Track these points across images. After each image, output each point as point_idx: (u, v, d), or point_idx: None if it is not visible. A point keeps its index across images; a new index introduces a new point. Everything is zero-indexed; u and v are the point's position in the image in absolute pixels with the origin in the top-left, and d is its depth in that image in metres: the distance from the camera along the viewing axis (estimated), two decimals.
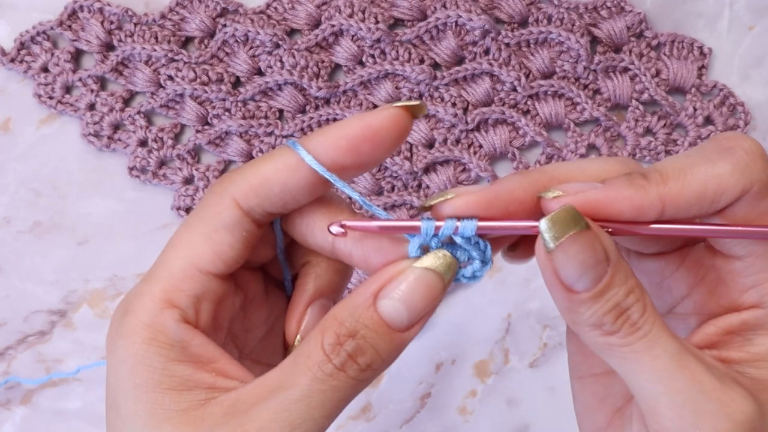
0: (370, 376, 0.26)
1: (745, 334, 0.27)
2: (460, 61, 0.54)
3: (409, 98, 0.54)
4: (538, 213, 0.26)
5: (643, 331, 0.25)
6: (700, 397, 0.25)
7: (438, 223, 0.26)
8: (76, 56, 0.55)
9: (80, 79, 0.54)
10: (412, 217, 0.53)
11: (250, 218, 0.27)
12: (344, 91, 0.54)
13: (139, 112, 0.54)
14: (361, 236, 0.27)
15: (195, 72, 0.54)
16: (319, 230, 0.28)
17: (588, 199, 0.25)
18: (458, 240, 0.26)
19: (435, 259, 0.27)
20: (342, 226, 0.27)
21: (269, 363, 0.29)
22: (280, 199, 0.27)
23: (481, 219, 0.26)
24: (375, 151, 0.27)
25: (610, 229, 0.26)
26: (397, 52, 0.54)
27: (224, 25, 0.54)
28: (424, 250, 0.27)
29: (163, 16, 0.55)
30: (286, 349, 0.31)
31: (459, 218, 0.26)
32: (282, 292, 0.32)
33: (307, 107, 0.54)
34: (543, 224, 0.24)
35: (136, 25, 0.54)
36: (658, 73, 0.54)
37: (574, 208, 0.25)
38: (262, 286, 0.32)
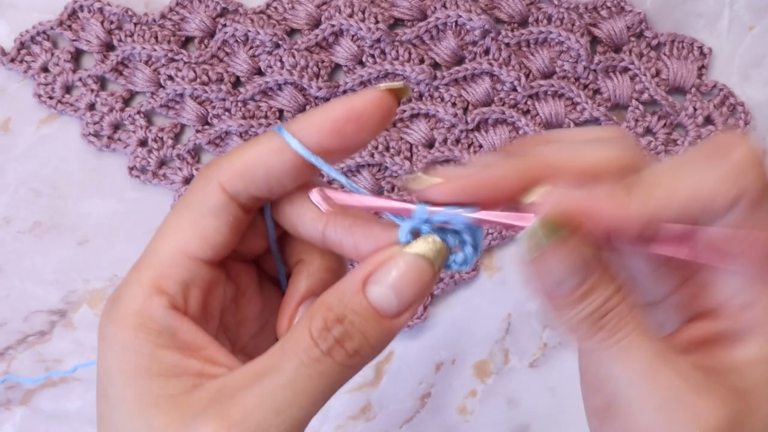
0: (358, 363, 0.26)
1: (728, 341, 0.27)
2: (460, 61, 0.54)
3: (409, 99, 0.54)
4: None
5: (618, 336, 0.25)
6: (673, 404, 0.25)
7: (433, 209, 0.26)
8: (76, 56, 0.55)
9: (80, 79, 0.54)
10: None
11: (236, 203, 0.27)
12: (344, 91, 0.54)
13: (139, 112, 0.54)
14: (351, 224, 0.27)
15: (195, 72, 0.54)
16: (309, 219, 0.28)
17: (569, 207, 0.24)
18: (454, 226, 0.26)
19: (425, 245, 0.26)
20: (322, 196, 0.27)
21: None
22: (265, 183, 0.27)
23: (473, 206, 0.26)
24: (359, 133, 0.26)
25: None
26: (397, 52, 0.54)
27: (224, 25, 0.54)
28: (414, 235, 0.27)
29: (163, 16, 0.55)
30: None
31: (458, 205, 0.26)
32: (277, 288, 0.32)
33: (307, 107, 0.54)
34: (522, 234, 0.24)
35: (136, 25, 0.54)
36: (658, 73, 0.54)
37: (554, 217, 0.24)
38: (256, 280, 0.32)
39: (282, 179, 0.27)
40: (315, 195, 0.27)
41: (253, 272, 0.32)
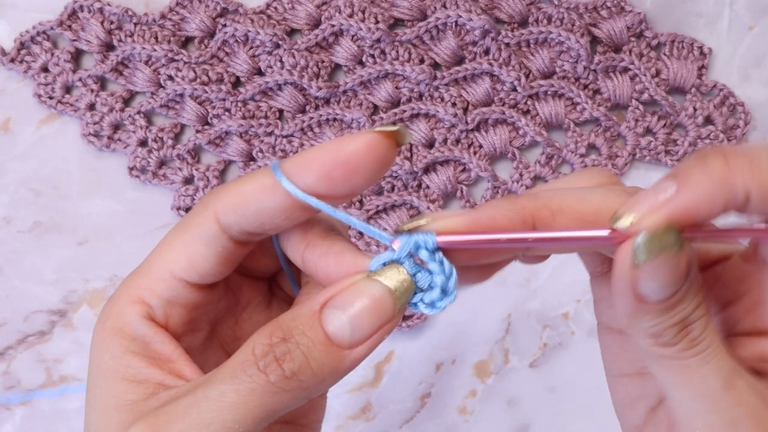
0: (294, 387, 0.24)
1: None
2: (460, 61, 0.54)
3: (408, 99, 0.54)
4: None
5: (701, 347, 0.24)
6: (742, 422, 0.24)
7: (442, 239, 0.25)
8: (76, 56, 0.55)
9: (80, 79, 0.54)
10: (411, 216, 0.53)
11: (227, 235, 0.27)
12: (344, 91, 0.54)
13: (139, 112, 0.54)
14: (325, 250, 0.26)
15: (195, 72, 0.54)
16: (293, 243, 0.27)
17: (676, 210, 0.23)
18: (425, 258, 0.25)
19: (392, 275, 0.25)
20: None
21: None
22: (256, 219, 0.26)
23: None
24: (349, 178, 0.24)
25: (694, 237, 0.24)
26: (397, 52, 0.54)
27: (224, 25, 0.54)
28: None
29: (163, 16, 0.55)
30: None
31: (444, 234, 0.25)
32: (286, 306, 0.32)
33: (307, 107, 0.54)
34: (641, 239, 0.23)
35: (136, 25, 0.54)
36: (658, 73, 0.54)
37: (673, 228, 0.23)
38: (262, 296, 0.31)
39: (273, 217, 0.26)
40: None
41: (261, 288, 0.31)
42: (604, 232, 0.24)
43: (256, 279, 0.31)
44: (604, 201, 0.25)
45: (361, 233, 0.53)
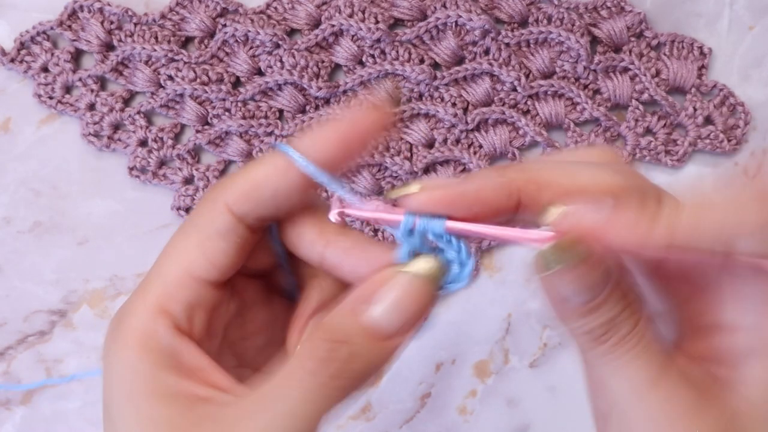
0: (348, 386, 0.25)
1: (731, 359, 0.26)
2: (460, 61, 0.54)
3: (408, 99, 0.54)
4: (506, 214, 0.26)
5: (630, 344, 0.25)
6: (670, 416, 0.25)
7: (422, 219, 0.26)
8: (76, 56, 0.55)
9: (80, 79, 0.54)
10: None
11: (243, 224, 0.27)
12: (344, 91, 0.54)
13: (139, 112, 0.54)
14: (350, 246, 0.27)
15: (195, 72, 0.54)
16: (308, 242, 0.28)
17: (592, 227, 0.24)
18: (436, 240, 0.26)
19: (425, 264, 0.26)
20: (340, 214, 0.27)
21: (270, 372, 0.29)
22: (272, 203, 0.27)
23: (449, 218, 0.26)
24: (362, 146, 0.26)
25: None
26: (397, 52, 0.54)
27: (224, 25, 0.54)
28: (414, 255, 0.26)
29: (163, 16, 0.55)
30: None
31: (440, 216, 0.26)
32: (285, 301, 0.32)
33: (307, 107, 0.54)
34: (543, 251, 0.24)
35: (136, 25, 0.54)
36: (658, 73, 0.54)
37: (577, 240, 0.24)
38: (262, 294, 0.31)
39: (289, 198, 0.27)
40: (334, 216, 0.27)
41: (259, 286, 0.31)
42: (546, 235, 0.25)
43: (255, 277, 0.31)
44: (592, 178, 0.26)
45: (375, 231, 0.53)
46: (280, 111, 0.55)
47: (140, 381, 0.26)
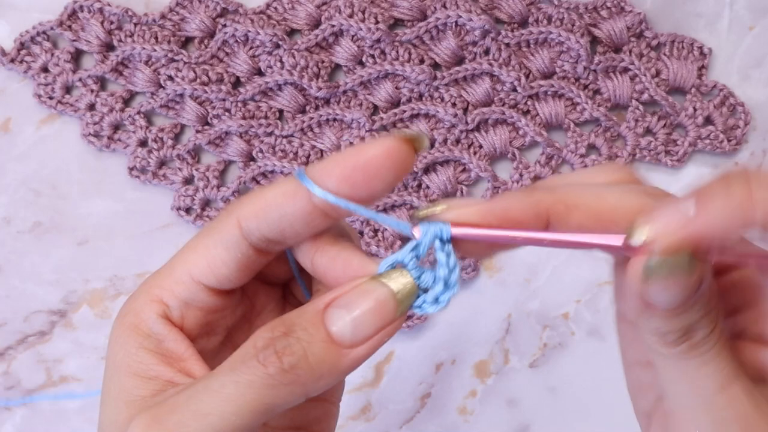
0: (292, 381, 0.24)
1: None
2: (460, 61, 0.54)
3: (408, 99, 0.54)
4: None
5: (702, 350, 0.25)
6: (730, 423, 0.25)
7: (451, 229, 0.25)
8: (76, 56, 0.55)
9: (80, 79, 0.54)
10: (411, 217, 0.52)
11: (247, 241, 0.27)
12: (344, 91, 0.54)
13: (139, 112, 0.54)
14: (335, 254, 0.27)
15: (195, 72, 0.54)
16: (303, 248, 0.28)
17: (691, 234, 0.23)
18: (437, 247, 0.26)
19: (394, 275, 0.26)
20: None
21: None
22: (277, 226, 0.26)
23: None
24: (368, 182, 0.25)
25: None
26: (397, 52, 0.54)
27: (224, 25, 0.54)
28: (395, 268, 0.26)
29: (163, 16, 0.55)
30: None
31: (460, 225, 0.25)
32: None
33: (307, 107, 0.55)
34: (653, 261, 0.23)
35: (136, 25, 0.54)
36: (658, 73, 0.54)
37: (686, 251, 0.23)
38: (277, 302, 0.32)
39: (294, 223, 0.26)
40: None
41: (275, 295, 0.32)
42: (618, 241, 0.24)
43: (271, 285, 0.32)
44: (621, 200, 0.25)
45: (375, 232, 0.54)
46: (280, 111, 0.55)
47: (124, 356, 0.27)
